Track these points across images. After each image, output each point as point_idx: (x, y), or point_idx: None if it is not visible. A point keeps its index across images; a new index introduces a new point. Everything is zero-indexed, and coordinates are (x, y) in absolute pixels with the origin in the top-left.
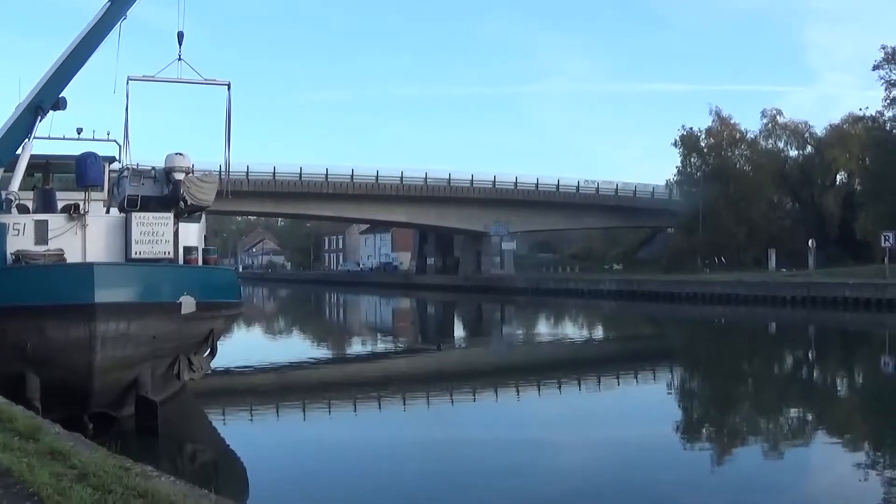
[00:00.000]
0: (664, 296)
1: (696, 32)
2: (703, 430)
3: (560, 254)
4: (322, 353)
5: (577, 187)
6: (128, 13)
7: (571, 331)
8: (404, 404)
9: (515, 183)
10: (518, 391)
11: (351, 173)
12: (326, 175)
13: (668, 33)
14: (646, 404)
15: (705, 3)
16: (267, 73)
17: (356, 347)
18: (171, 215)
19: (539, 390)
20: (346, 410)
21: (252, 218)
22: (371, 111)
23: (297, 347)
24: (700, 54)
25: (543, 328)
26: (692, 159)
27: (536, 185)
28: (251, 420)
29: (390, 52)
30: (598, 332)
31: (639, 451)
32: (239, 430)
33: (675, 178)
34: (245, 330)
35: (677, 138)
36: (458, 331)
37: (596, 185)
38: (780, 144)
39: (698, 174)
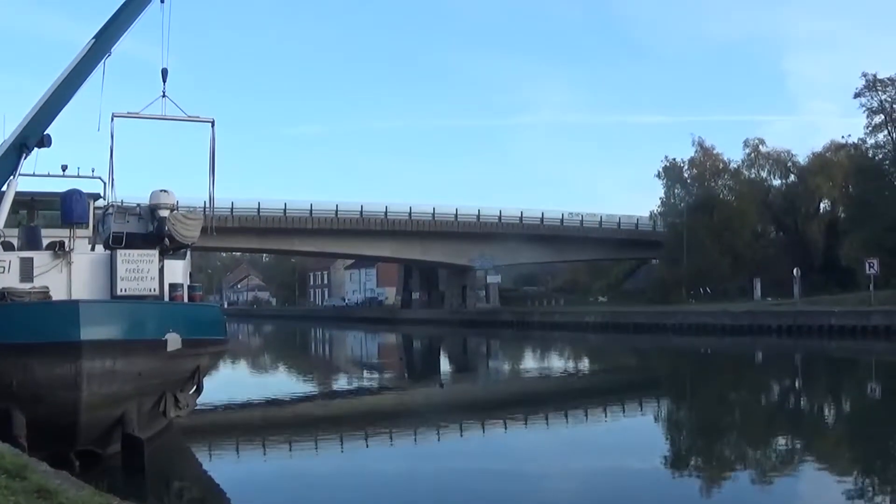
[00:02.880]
0: (650, 327)
1: (678, 63)
2: (691, 460)
3: (545, 286)
4: (308, 388)
5: (562, 220)
6: (112, 50)
7: (558, 364)
8: (391, 439)
9: (500, 216)
10: (505, 424)
11: (335, 208)
12: (311, 210)
13: (649, 64)
14: (633, 435)
15: (686, 34)
16: (251, 108)
17: (342, 383)
18: (156, 252)
19: (526, 423)
20: (332, 446)
21: (237, 254)
22: (353, 145)
23: (283, 383)
24: (682, 85)
25: (530, 362)
26: (676, 190)
27: (521, 218)
28: (238, 456)
29: (373, 86)
30: (585, 365)
31: (626, 481)
32: (225, 466)
33: (659, 210)
34: (231, 366)
35: (660, 169)
36: (445, 365)
37: (580, 218)
38: (763, 174)
39: (682, 205)
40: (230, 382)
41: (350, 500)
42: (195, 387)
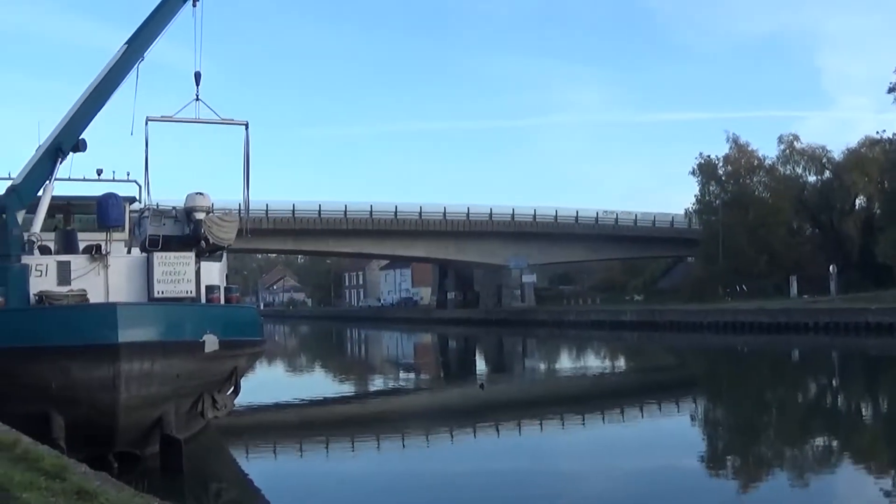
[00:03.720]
0: (686, 325)
1: (710, 60)
2: (728, 460)
3: (580, 285)
4: (344, 389)
5: (596, 218)
6: (145, 54)
7: (594, 363)
8: (427, 440)
9: (534, 215)
10: (542, 424)
11: (370, 209)
12: (345, 212)
13: (681, 62)
14: (669, 434)
15: (718, 31)
16: (285, 110)
17: (378, 383)
18: (192, 254)
19: (563, 422)
20: (369, 446)
21: (272, 255)
22: (387, 147)
23: (319, 384)
24: (715, 81)
25: (566, 361)
26: (710, 187)
27: (555, 217)
28: (275, 457)
29: (406, 88)
30: (621, 364)
31: (663, 480)
32: (263, 467)
33: (694, 207)
34: (267, 367)
35: (695, 166)
36: (481, 365)
37: (615, 216)
38: (798, 170)
39: (717, 202)
40: (267, 383)
41: (386, 501)
42: (233, 388)
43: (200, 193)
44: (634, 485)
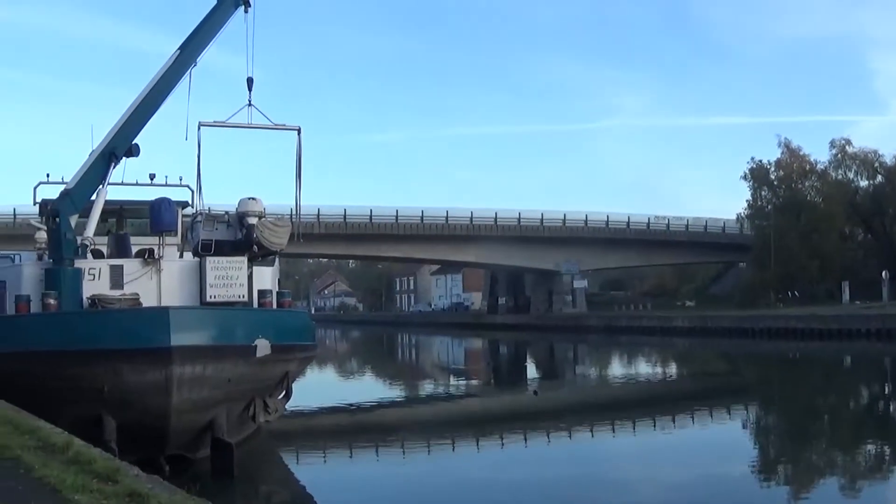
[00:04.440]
0: (738, 331)
1: (760, 64)
2: (780, 467)
3: (632, 291)
4: (394, 394)
5: (648, 223)
6: (198, 60)
7: (646, 369)
8: (477, 445)
9: (585, 220)
10: (592, 430)
11: (421, 214)
12: (397, 216)
13: (731, 66)
14: (720, 441)
15: (769, 35)
16: (336, 115)
17: (428, 389)
18: (244, 259)
19: (613, 429)
20: (419, 452)
21: (324, 260)
22: (438, 152)
23: (369, 388)
24: (766, 85)
25: (618, 367)
26: (762, 192)
27: (607, 222)
28: (325, 461)
29: (455, 93)
30: (672, 370)
31: (713, 488)
32: (313, 471)
33: (746, 212)
34: (318, 371)
35: (746, 171)
36: (532, 371)
37: (667, 221)
38: (850, 174)
39: (769, 207)
40: (318, 387)
41: None
42: (284, 392)
43: (253, 198)
44: (684, 492)
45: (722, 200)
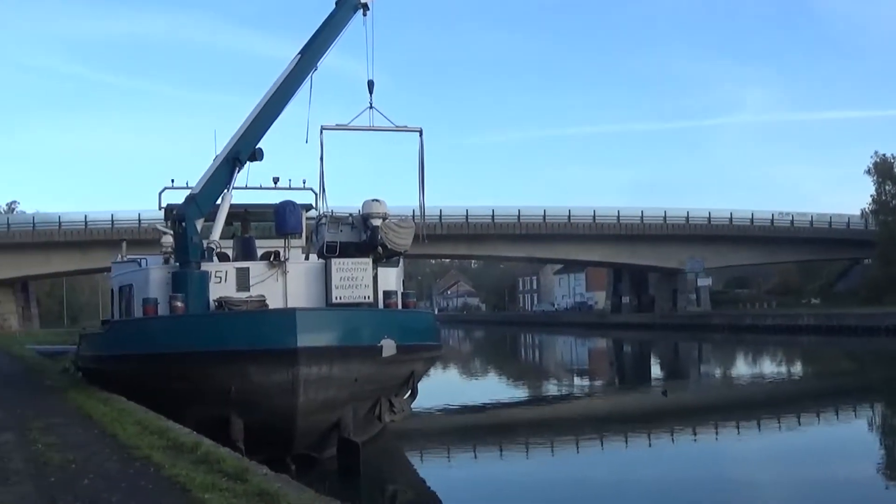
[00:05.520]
0: (863, 329)
1: (880, 55)
2: None
3: (756, 289)
4: (518, 393)
5: (772, 220)
6: (318, 64)
7: (770, 368)
8: (602, 445)
9: (709, 218)
10: (717, 429)
11: (543, 213)
12: (519, 216)
13: (850, 58)
14: (845, 442)
15: (891, 25)
16: (457, 116)
17: (552, 388)
18: (369, 260)
19: (738, 428)
20: (543, 451)
21: (446, 261)
22: (556, 151)
23: (493, 388)
24: (888, 78)
25: (742, 366)
26: (886, 187)
27: (730, 219)
28: (449, 461)
29: (574, 91)
30: (797, 369)
31: (837, 490)
32: (438, 470)
33: (871, 207)
34: (443, 371)
35: (870, 165)
36: (656, 371)
37: (791, 218)
38: None
39: (893, 202)
40: (443, 387)
41: None
42: (410, 392)
43: (377, 200)
44: (808, 494)
45: (845, 195)
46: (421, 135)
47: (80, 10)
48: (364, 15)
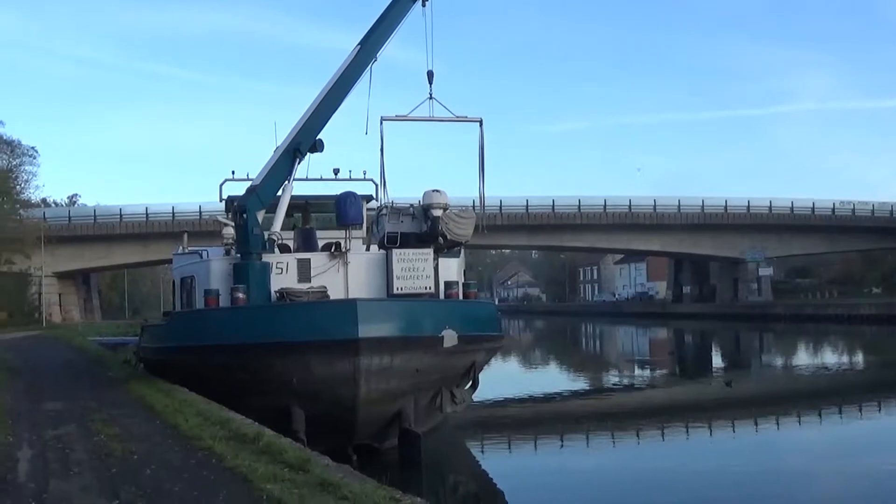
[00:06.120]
0: None
1: None
2: None
3: (817, 278)
4: (578, 384)
5: (833, 209)
6: (378, 55)
7: (831, 358)
8: (662, 436)
9: (770, 207)
10: (777, 421)
11: (604, 203)
12: (579, 206)
13: None
14: None
15: None
16: (517, 105)
17: (612, 379)
18: (430, 251)
19: (799, 419)
20: (603, 442)
21: (506, 251)
22: (617, 140)
23: (553, 379)
24: None
25: (803, 357)
26: None
27: (791, 208)
28: (510, 451)
29: (635, 79)
30: (858, 359)
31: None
32: (498, 461)
33: None
34: (503, 362)
35: None
36: (717, 361)
37: (852, 206)
38: None
39: None
40: (503, 378)
41: (621, 499)
42: (471, 382)
43: (437, 190)
44: (871, 486)
45: None
46: (481, 125)
47: (140, 3)
48: (423, 5)
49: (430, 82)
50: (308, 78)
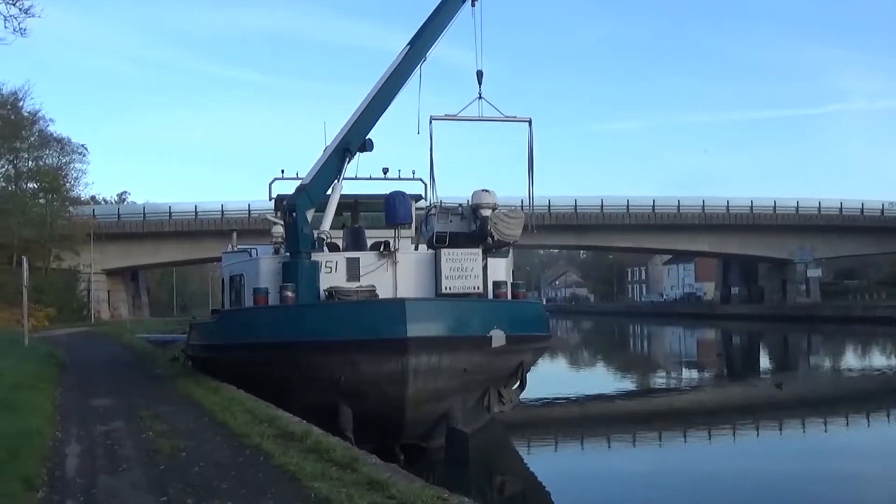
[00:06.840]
0: None
1: None
2: None
3: (867, 280)
4: (625, 385)
5: (882, 210)
6: (427, 55)
7: (879, 361)
8: (709, 437)
9: (819, 208)
10: (825, 423)
11: (652, 203)
12: (627, 206)
13: None
14: None
15: None
16: (566, 105)
17: (660, 380)
18: (479, 251)
19: (847, 421)
20: (650, 443)
21: (554, 251)
22: (666, 140)
23: (600, 379)
24: None
25: (851, 359)
26: None
27: (840, 209)
28: (556, 451)
29: (683, 79)
30: None
31: None
32: (545, 461)
33: None
34: (551, 362)
35: None
36: (765, 363)
37: None
38: None
39: None
40: (551, 378)
41: (668, 500)
42: (518, 382)
43: (486, 190)
44: None
45: None
46: (530, 125)
47: (192, 4)
48: (472, 5)
49: (480, 82)
50: (358, 77)
